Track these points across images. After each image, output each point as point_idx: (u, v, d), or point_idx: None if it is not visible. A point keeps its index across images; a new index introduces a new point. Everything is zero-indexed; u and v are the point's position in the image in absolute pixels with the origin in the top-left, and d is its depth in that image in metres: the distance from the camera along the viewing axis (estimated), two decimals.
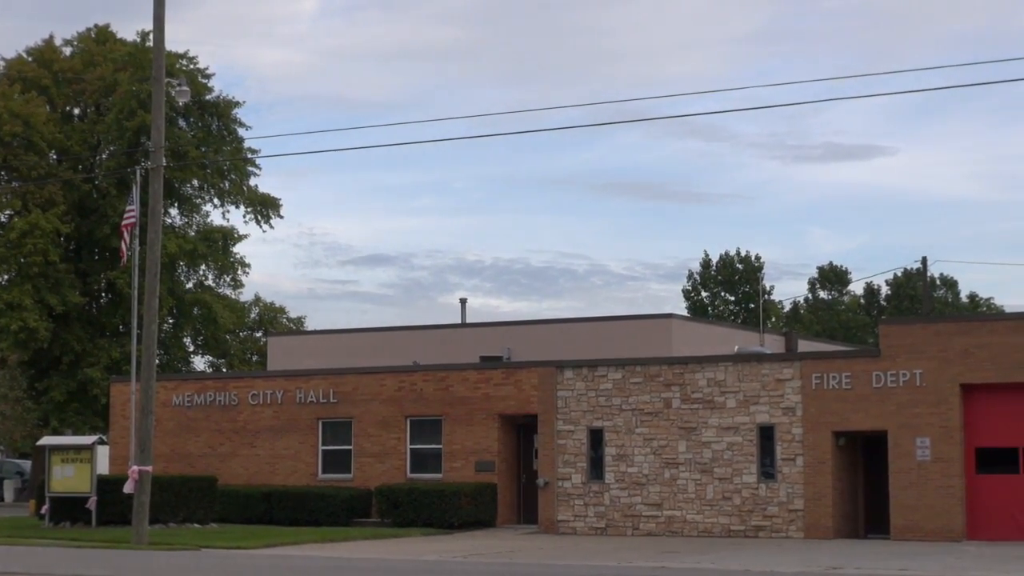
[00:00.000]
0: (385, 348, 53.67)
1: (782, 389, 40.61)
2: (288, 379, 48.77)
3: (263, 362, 69.92)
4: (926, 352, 38.98)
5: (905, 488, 38.80)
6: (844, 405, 39.79)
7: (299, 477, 47.62)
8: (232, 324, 73.95)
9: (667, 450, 41.90)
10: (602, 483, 42.71)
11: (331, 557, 33.56)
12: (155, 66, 39.48)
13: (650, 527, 41.81)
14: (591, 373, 43.18)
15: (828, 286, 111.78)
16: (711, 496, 41.19)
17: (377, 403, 46.73)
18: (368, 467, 46.60)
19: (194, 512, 44.26)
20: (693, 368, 41.91)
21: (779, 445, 40.51)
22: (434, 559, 32.92)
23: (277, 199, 73.13)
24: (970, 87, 27.77)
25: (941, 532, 38.13)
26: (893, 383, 39.26)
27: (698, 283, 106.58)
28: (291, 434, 48.00)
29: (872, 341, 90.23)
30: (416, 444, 46.34)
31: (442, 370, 46.39)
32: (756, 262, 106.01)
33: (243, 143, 71.96)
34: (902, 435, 38.98)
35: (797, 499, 40.13)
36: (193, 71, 69.77)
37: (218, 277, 74.96)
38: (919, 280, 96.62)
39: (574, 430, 43.19)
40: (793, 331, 69.21)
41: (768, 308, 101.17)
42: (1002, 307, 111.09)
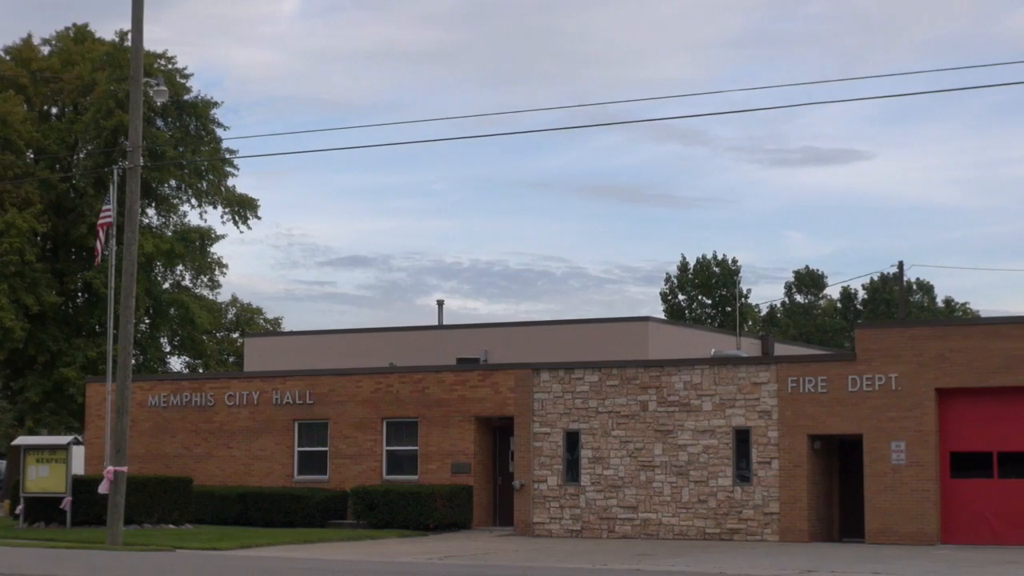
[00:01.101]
0: (362, 350, 53.66)
1: (758, 392, 40.69)
2: (264, 380, 48.71)
3: (240, 363, 69.84)
4: (902, 356, 39.10)
5: (880, 492, 38.92)
6: (820, 409, 39.89)
7: (275, 478, 47.55)
8: (209, 325, 73.84)
9: (643, 453, 41.96)
10: (578, 485, 42.75)
11: (306, 559, 33.52)
12: (133, 66, 39.40)
13: (626, 530, 41.86)
14: (568, 375, 43.22)
15: (805, 290, 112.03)
16: (687, 499, 41.25)
17: (353, 404, 46.70)
18: (344, 468, 46.57)
19: (169, 513, 44.17)
20: (669, 371, 41.98)
21: (755, 448, 40.59)
22: (409, 561, 32.92)
23: (255, 200, 73.10)
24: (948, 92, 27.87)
25: (916, 536, 38.25)
26: (869, 387, 39.37)
27: (675, 286, 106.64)
28: (267, 435, 47.94)
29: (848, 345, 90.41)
30: (392, 446, 46.32)
31: (418, 372, 46.38)
32: (733, 266, 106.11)
33: (221, 143, 71.91)
34: (877, 439, 39.09)
35: (772, 502, 40.21)
36: (171, 71, 69.66)
37: (195, 278, 74.90)
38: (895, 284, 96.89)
39: (550, 432, 43.22)
40: (769, 335, 69.35)
41: (745, 312, 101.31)
42: (978, 312, 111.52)
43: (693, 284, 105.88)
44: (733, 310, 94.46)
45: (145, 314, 70.15)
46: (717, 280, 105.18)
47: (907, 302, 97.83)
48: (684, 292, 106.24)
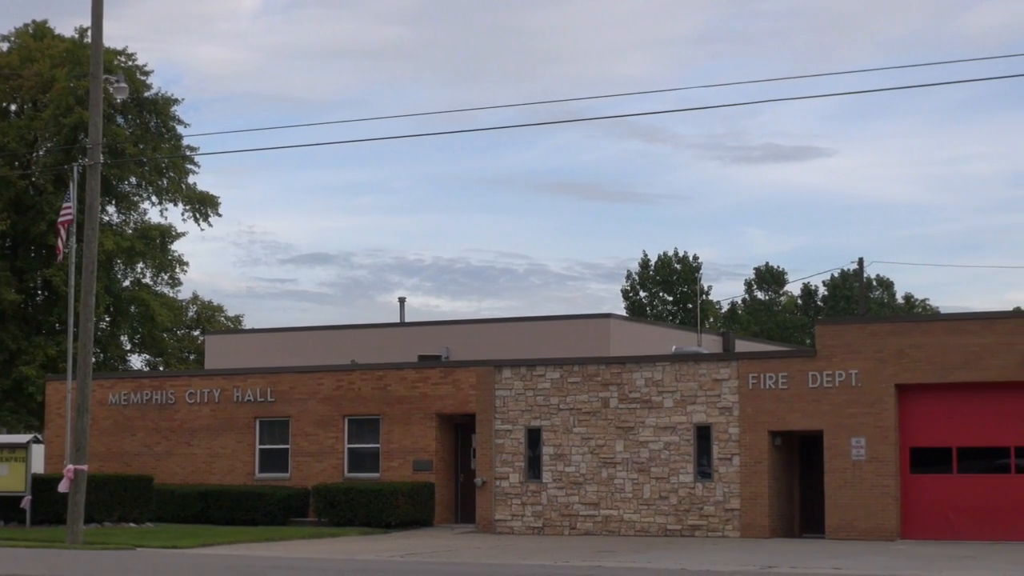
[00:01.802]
0: (323, 347, 53.57)
1: (719, 389, 40.80)
2: (225, 378, 48.58)
3: (200, 361, 69.64)
4: (862, 352, 39.27)
5: (840, 488, 39.07)
6: (780, 405, 40.03)
7: (236, 476, 47.44)
8: (169, 322, 73.65)
9: (604, 449, 42.02)
10: (540, 482, 42.79)
11: (267, 556, 33.46)
12: (93, 63, 39.23)
13: (587, 526, 41.92)
14: (529, 373, 43.25)
15: (765, 287, 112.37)
16: (648, 495, 41.34)
17: (315, 402, 46.63)
18: (305, 466, 46.50)
19: (130, 511, 44.01)
20: (631, 368, 42.05)
21: (716, 445, 40.70)
22: (371, 558, 32.89)
23: (215, 197, 73.01)
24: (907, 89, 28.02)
25: (876, 531, 38.42)
26: (829, 383, 39.52)
27: (636, 283, 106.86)
28: (228, 433, 47.82)
29: (809, 341, 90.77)
30: (354, 443, 46.27)
31: (380, 369, 46.35)
32: (694, 262, 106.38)
33: (181, 140, 71.75)
34: (838, 435, 39.25)
35: (733, 498, 40.33)
36: (131, 68, 69.46)
37: (156, 275, 74.70)
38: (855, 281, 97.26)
39: (512, 429, 43.25)
40: (730, 331, 69.53)
41: (706, 308, 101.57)
42: (937, 308, 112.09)
43: (654, 281, 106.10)
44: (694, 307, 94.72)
45: (105, 312, 69.91)
46: (678, 277, 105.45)
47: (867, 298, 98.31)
48: (645, 289, 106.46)
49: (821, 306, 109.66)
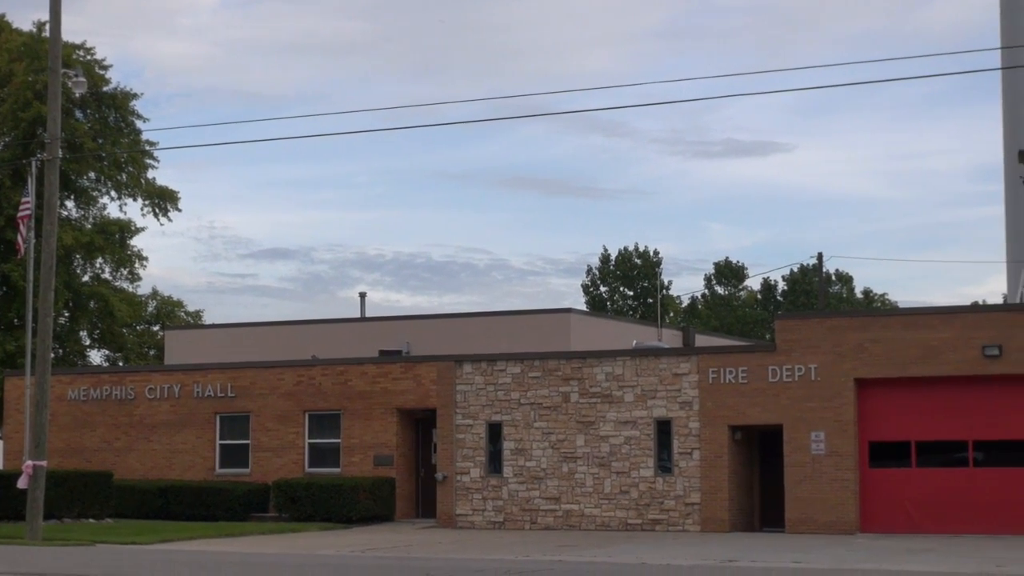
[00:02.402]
0: (284, 342, 53.47)
1: (679, 383, 40.90)
2: (185, 373, 48.44)
3: (160, 356, 69.33)
4: (821, 347, 39.43)
5: (800, 482, 39.22)
6: (740, 399, 40.15)
7: (196, 472, 47.31)
8: (129, 318, 73.28)
9: (565, 444, 42.08)
10: (500, 477, 42.83)
11: (227, 552, 33.39)
12: (51, 57, 39.06)
13: (548, 521, 41.98)
14: (490, 367, 43.27)
15: (725, 281, 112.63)
16: (609, 490, 41.41)
17: (275, 397, 46.54)
18: (266, 461, 46.41)
19: (89, 507, 43.87)
20: (591, 363, 42.11)
21: (676, 439, 40.80)
22: (331, 554, 32.86)
23: (175, 192, 72.65)
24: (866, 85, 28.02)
25: (835, 525, 38.59)
26: (788, 377, 39.68)
27: (597, 278, 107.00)
28: (188, 428, 47.68)
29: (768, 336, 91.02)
30: (314, 438, 46.19)
31: (341, 364, 46.29)
32: (655, 257, 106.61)
33: (141, 135, 71.43)
34: (797, 429, 39.40)
35: (694, 493, 40.44)
36: (90, 62, 69.07)
37: (115, 270, 74.27)
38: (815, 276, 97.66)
39: (473, 424, 43.27)
40: (690, 326, 69.67)
41: (666, 303, 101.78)
42: (896, 303, 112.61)
43: (615, 276, 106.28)
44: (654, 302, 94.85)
45: (64, 307, 69.51)
46: (639, 272, 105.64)
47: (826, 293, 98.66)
48: (606, 284, 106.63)
49: (781, 301, 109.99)
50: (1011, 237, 61.76)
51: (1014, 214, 60.04)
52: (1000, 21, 63.83)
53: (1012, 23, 62.60)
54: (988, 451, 38.72)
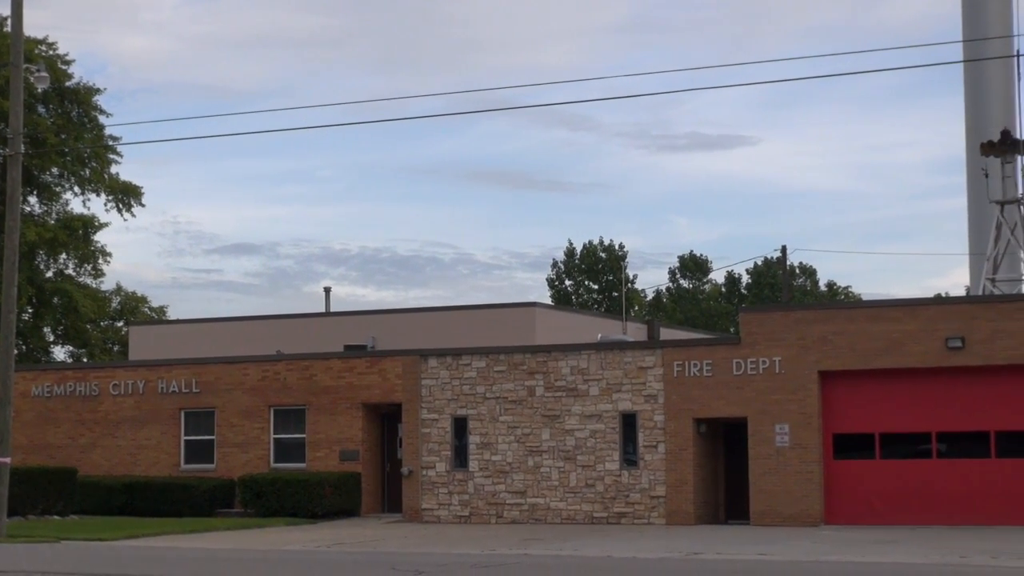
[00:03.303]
0: (249, 337, 53.37)
1: (644, 377, 40.98)
2: (150, 369, 48.30)
3: (125, 352, 69.16)
4: (785, 340, 39.55)
5: (764, 474, 39.36)
6: (705, 392, 40.26)
7: (161, 468, 47.19)
8: (93, 314, 73.04)
9: (531, 438, 42.13)
10: (466, 471, 42.85)
11: (193, 548, 33.33)
12: (13, 51, 38.88)
13: (514, 515, 42.02)
14: (455, 362, 43.28)
15: (690, 275, 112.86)
16: (574, 483, 41.48)
17: (240, 392, 46.46)
18: (231, 457, 46.32)
19: (54, 504, 43.71)
20: (556, 356, 42.16)
21: (641, 432, 40.89)
22: (297, 549, 32.83)
23: (139, 187, 72.42)
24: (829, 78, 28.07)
25: (800, 517, 38.73)
26: (753, 370, 39.79)
27: (562, 272, 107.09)
28: (153, 424, 47.55)
29: (733, 329, 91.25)
30: (280, 434, 46.14)
31: (306, 359, 46.22)
32: (620, 251, 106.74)
33: (104, 130, 71.17)
34: (761, 422, 39.53)
35: (659, 486, 40.54)
36: (53, 57, 68.82)
37: (79, 266, 74.04)
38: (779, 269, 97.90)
39: (438, 418, 43.28)
40: (655, 319, 69.85)
41: (631, 297, 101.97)
42: (860, 295, 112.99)
43: (580, 269, 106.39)
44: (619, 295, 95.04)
45: (28, 303, 69.26)
46: (603, 265, 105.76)
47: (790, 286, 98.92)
48: (571, 277, 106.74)
49: (745, 294, 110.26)
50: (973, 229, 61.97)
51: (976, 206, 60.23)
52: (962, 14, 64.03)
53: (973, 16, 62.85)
54: (951, 442, 38.93)
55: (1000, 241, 52.08)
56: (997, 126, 55.49)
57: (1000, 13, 62.17)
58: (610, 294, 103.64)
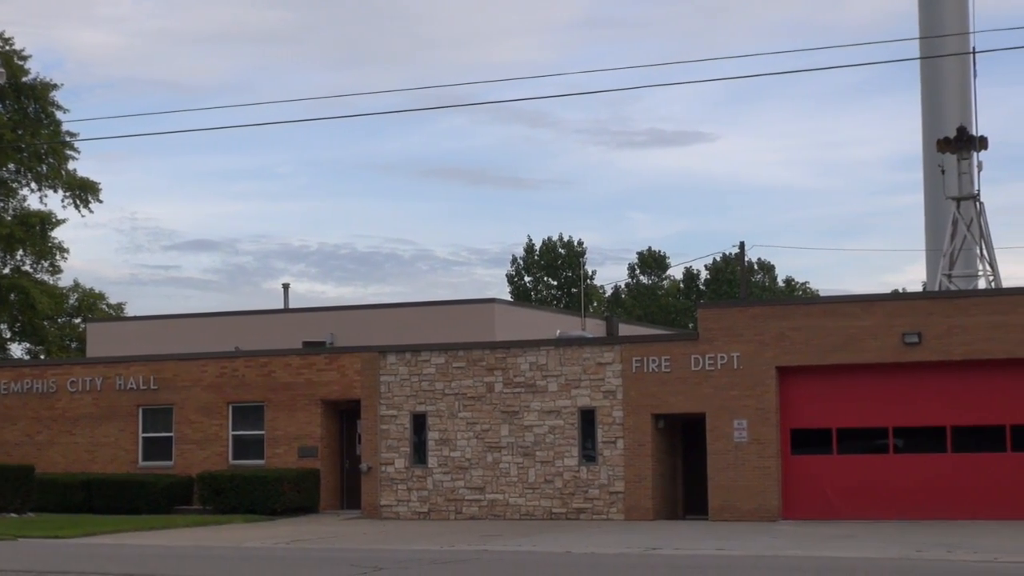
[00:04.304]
0: (207, 334, 53.23)
1: (603, 373, 41.05)
2: (107, 366, 48.13)
3: (82, 349, 68.93)
4: (743, 335, 39.68)
5: (722, 469, 39.49)
6: (663, 388, 40.36)
7: (119, 465, 47.03)
8: (50, 310, 72.76)
9: (489, 434, 42.16)
10: (425, 467, 42.85)
11: (151, 545, 33.24)
12: None
13: (473, 511, 42.05)
14: (414, 358, 43.28)
15: (648, 271, 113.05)
16: (533, 479, 41.54)
17: (198, 389, 46.33)
18: (189, 454, 46.20)
19: (11, 502, 43.49)
20: (515, 352, 42.20)
21: (600, 428, 40.97)
22: (256, 545, 32.77)
23: (96, 183, 72.19)
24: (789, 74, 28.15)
25: (757, 512, 38.88)
26: (711, 366, 39.91)
27: (521, 268, 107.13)
28: (111, 421, 47.39)
29: (691, 325, 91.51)
30: (238, 430, 46.04)
31: (264, 356, 46.14)
32: (579, 247, 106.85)
33: (61, 126, 70.91)
34: (720, 417, 39.66)
35: (618, 481, 40.62)
36: (9, 52, 68.51)
37: (36, 263, 73.74)
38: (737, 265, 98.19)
39: (397, 415, 43.27)
40: (614, 315, 69.93)
41: (590, 293, 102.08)
42: (817, 291, 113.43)
43: (539, 266, 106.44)
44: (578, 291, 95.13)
45: None
46: (563, 261, 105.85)
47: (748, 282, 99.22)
48: (530, 274, 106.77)
49: (703, 290, 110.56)
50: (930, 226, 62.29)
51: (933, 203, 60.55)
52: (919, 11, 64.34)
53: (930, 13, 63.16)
54: (908, 437, 39.14)
55: (956, 237, 52.43)
56: (954, 123, 55.81)
57: (957, 11, 62.52)
58: (569, 290, 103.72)
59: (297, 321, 53.89)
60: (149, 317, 60.46)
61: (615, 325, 59.44)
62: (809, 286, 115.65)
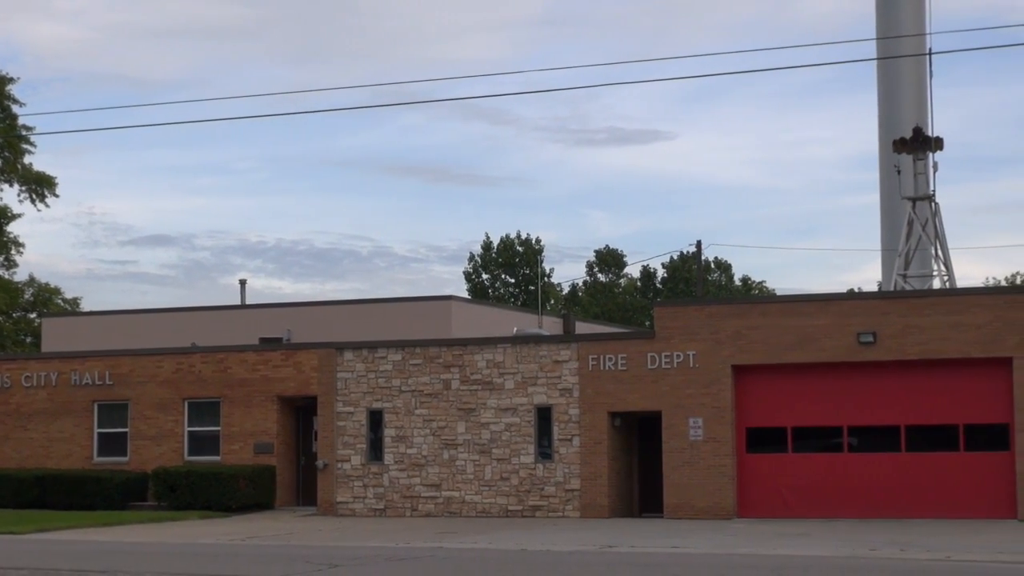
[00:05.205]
0: (164, 330, 53.07)
1: (559, 371, 41.11)
2: (63, 361, 47.90)
3: (37, 344, 68.61)
4: (699, 334, 39.80)
5: (678, 467, 39.59)
6: (620, 386, 40.43)
7: (74, 460, 46.82)
8: (5, 305, 72.42)
9: (446, 431, 42.17)
10: (381, 464, 42.83)
11: (105, 541, 33.13)
12: None
13: (429, 508, 42.05)
14: (371, 355, 43.24)
15: (606, 269, 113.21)
16: (489, 477, 41.56)
17: (154, 385, 46.18)
18: (145, 450, 46.03)
19: None
20: (472, 350, 42.22)
21: (556, 426, 41.02)
22: (211, 542, 32.71)
23: (53, 177, 71.88)
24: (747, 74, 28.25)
25: (713, 510, 39.01)
26: (667, 364, 40.01)
27: (479, 265, 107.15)
28: (66, 417, 47.17)
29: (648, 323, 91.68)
30: (194, 426, 45.90)
31: (221, 352, 46.02)
32: (536, 245, 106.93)
33: (17, 120, 70.52)
34: (676, 415, 39.76)
35: (574, 479, 40.69)
36: None
37: None
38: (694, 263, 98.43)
39: (354, 411, 43.23)
40: (571, 313, 70.03)
41: (547, 290, 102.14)
42: (773, 290, 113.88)
43: (496, 263, 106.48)
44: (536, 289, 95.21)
45: None
46: (520, 259, 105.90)
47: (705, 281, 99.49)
48: (488, 271, 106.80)
49: (660, 288, 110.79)
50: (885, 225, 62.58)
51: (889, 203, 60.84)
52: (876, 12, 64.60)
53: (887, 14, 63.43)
54: (862, 436, 39.33)
55: (912, 237, 52.72)
56: (910, 124, 56.12)
57: (913, 12, 62.79)
58: (527, 288, 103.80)
59: (254, 317, 53.77)
60: (105, 312, 60.21)
61: (572, 323, 59.52)
62: (765, 285, 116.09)
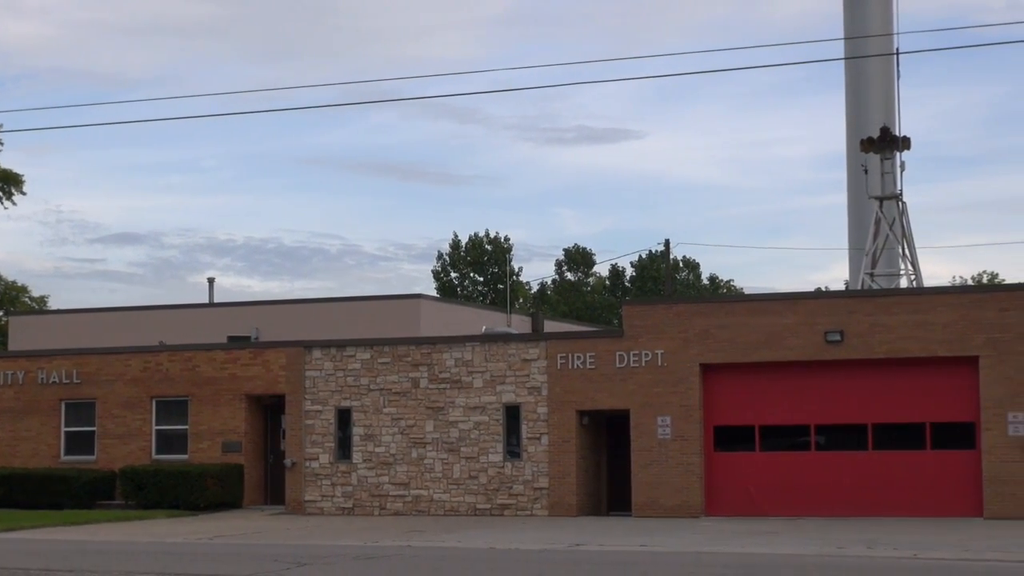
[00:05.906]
0: (132, 328, 52.94)
1: (528, 369, 41.14)
2: (29, 359, 47.73)
3: (4, 342, 68.38)
4: (667, 333, 39.87)
5: (646, 466, 39.66)
6: (588, 385, 40.47)
7: (41, 459, 46.66)
8: None
9: (414, 430, 42.16)
10: (350, 463, 42.80)
11: (72, 540, 33.04)
12: None
13: (397, 506, 42.04)
14: (339, 353, 43.20)
15: (575, 267, 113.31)
16: (458, 475, 41.56)
17: (121, 384, 46.05)
18: (112, 448, 45.90)
19: None
20: (441, 348, 42.21)
21: (525, 424, 41.04)
22: (178, 541, 32.65)
23: (20, 175, 71.56)
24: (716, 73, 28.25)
25: (681, 508, 39.08)
26: (636, 363, 40.06)
27: (448, 264, 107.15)
28: (32, 415, 47.00)
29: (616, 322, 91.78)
30: (161, 425, 45.79)
31: (189, 350, 45.92)
32: (505, 243, 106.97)
33: None
34: (644, 414, 39.82)
35: (542, 477, 40.72)
36: None
37: None
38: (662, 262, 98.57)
39: (322, 410, 43.19)
40: (540, 312, 70.09)
41: (516, 289, 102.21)
42: (741, 289, 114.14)
43: (465, 262, 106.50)
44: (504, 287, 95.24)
45: None
46: (489, 258, 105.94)
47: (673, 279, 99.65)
48: (456, 270, 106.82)
49: (629, 287, 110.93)
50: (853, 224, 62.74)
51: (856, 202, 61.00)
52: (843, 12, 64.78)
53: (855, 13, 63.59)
54: (829, 435, 39.44)
55: (879, 236, 52.88)
56: (877, 123, 56.26)
57: (881, 11, 62.96)
58: (495, 286, 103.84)
59: (222, 315, 53.69)
60: (73, 311, 60.04)
61: (541, 322, 59.60)
62: (733, 284, 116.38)
